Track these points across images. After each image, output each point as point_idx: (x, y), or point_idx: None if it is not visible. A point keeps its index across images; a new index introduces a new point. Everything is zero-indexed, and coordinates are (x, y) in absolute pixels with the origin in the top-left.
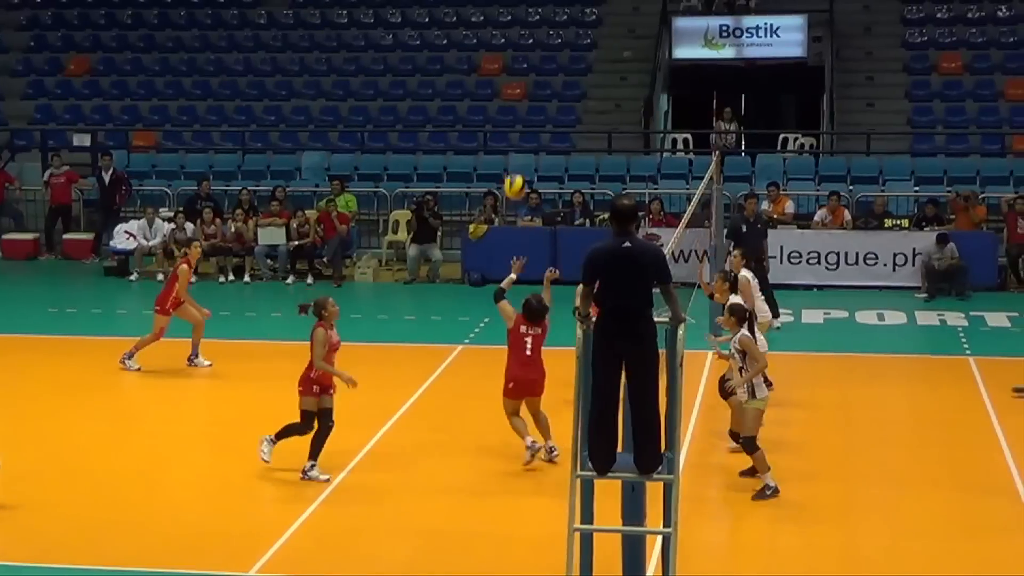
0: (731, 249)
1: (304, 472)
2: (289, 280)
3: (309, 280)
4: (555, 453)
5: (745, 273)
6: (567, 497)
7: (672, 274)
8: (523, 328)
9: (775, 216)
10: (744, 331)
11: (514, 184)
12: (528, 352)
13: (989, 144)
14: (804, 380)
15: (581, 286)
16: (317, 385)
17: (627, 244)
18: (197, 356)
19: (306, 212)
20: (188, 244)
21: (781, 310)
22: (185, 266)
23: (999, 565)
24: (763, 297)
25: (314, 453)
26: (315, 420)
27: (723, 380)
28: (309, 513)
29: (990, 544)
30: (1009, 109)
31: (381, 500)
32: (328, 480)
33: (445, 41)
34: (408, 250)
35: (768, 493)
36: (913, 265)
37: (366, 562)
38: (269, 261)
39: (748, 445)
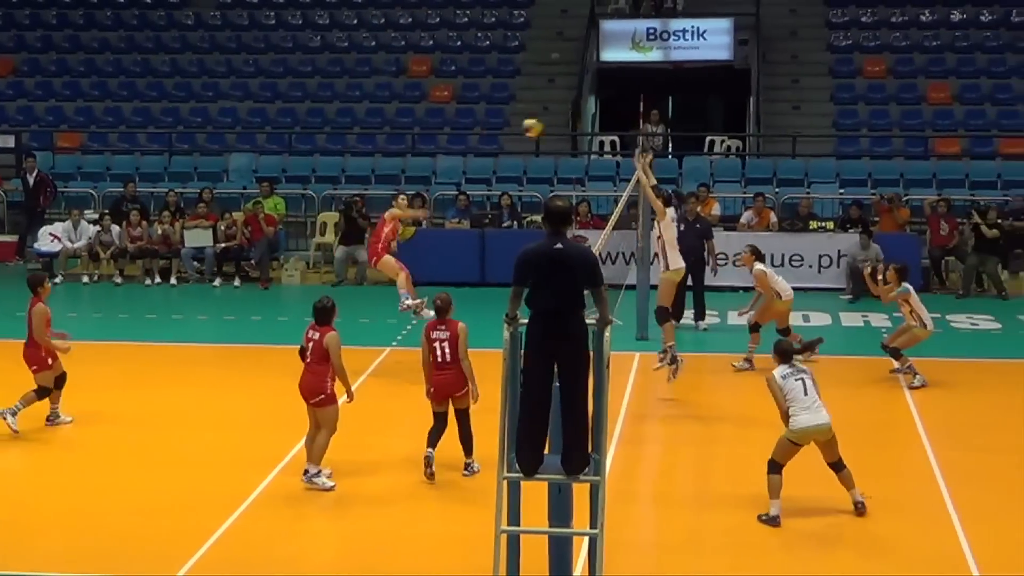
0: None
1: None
2: (216, 282)
3: (236, 282)
4: (474, 470)
5: (761, 266)
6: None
7: (602, 275)
8: (432, 333)
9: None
10: None
11: (533, 127)
12: (439, 355)
13: (912, 147)
14: (729, 383)
15: (512, 288)
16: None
17: (559, 246)
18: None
19: (233, 214)
20: (40, 283)
21: (708, 312)
22: (41, 305)
23: None
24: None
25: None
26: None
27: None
28: (235, 518)
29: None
30: (932, 112)
31: (306, 504)
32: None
33: (373, 43)
34: (335, 252)
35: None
36: (838, 267)
37: (291, 565)
38: (196, 263)
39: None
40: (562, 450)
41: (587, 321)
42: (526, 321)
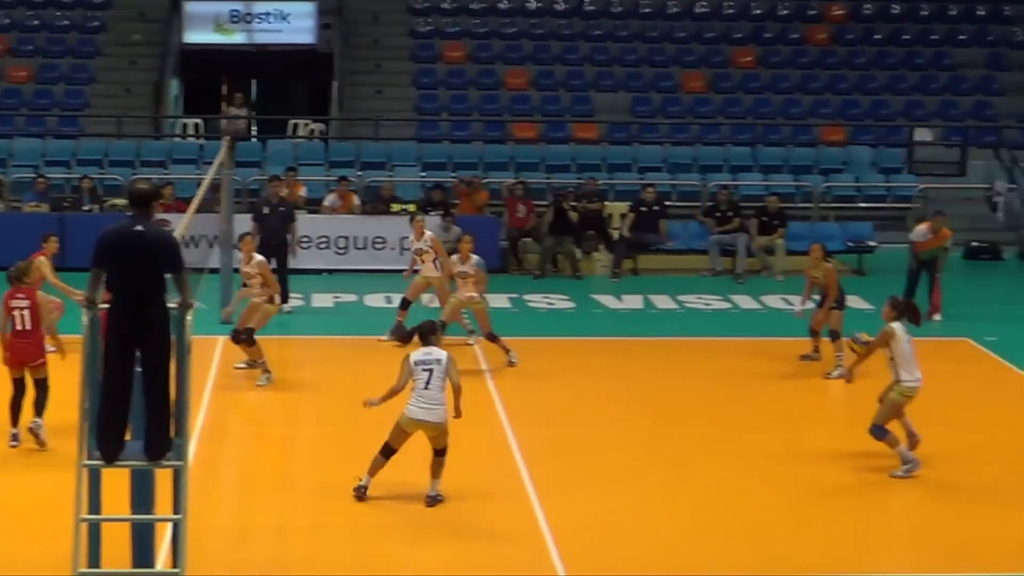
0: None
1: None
2: None
3: None
4: (40, 437)
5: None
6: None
7: (184, 260)
8: (11, 301)
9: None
10: None
11: None
12: (18, 323)
13: (491, 131)
14: (314, 362)
15: (91, 271)
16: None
17: (139, 228)
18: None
19: None
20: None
21: (292, 294)
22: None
23: None
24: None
25: None
26: None
27: None
28: None
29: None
30: (509, 97)
31: None
32: None
33: None
34: None
35: None
36: None
37: None
38: None
39: None
40: (144, 435)
41: (169, 305)
42: (107, 305)
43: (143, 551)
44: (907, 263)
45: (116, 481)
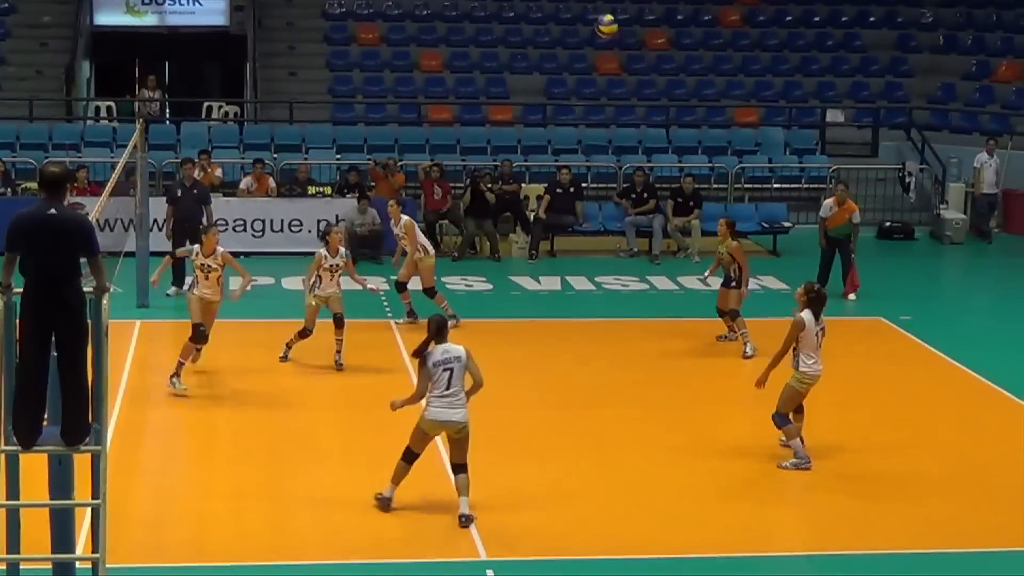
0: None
1: None
2: None
3: None
4: None
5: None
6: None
7: (99, 243)
8: None
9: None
10: None
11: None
12: None
13: (406, 113)
14: (234, 345)
15: (4, 255)
16: None
17: (53, 212)
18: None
19: None
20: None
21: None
22: None
23: None
24: None
25: None
26: None
27: None
28: None
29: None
30: (424, 80)
31: None
32: None
33: None
34: None
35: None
36: None
37: None
38: None
39: None
40: (62, 421)
41: (84, 289)
42: (20, 290)
43: (63, 537)
44: (819, 244)
45: (36, 466)
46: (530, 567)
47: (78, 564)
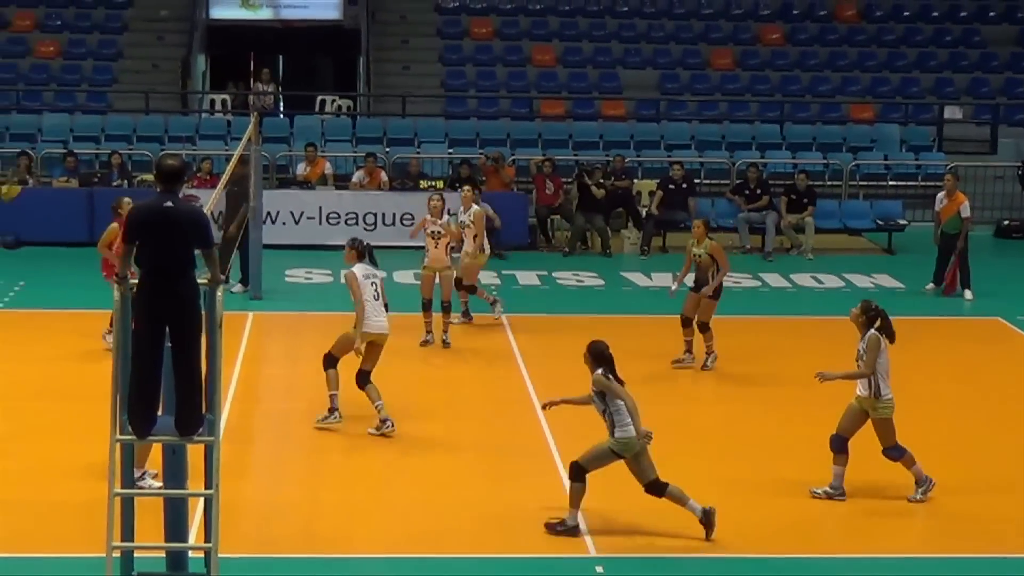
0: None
1: None
2: None
3: None
4: None
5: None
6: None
7: (213, 235)
8: None
9: (311, 180)
10: None
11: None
12: None
13: (518, 108)
14: None
15: (123, 246)
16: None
17: (168, 204)
18: None
19: None
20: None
21: (313, 271)
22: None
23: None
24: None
25: None
26: None
27: None
28: None
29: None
30: (537, 74)
31: None
32: None
33: None
34: None
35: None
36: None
37: None
38: None
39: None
40: (176, 411)
41: (199, 281)
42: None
43: (177, 526)
44: (935, 241)
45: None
46: (640, 565)
47: (191, 553)
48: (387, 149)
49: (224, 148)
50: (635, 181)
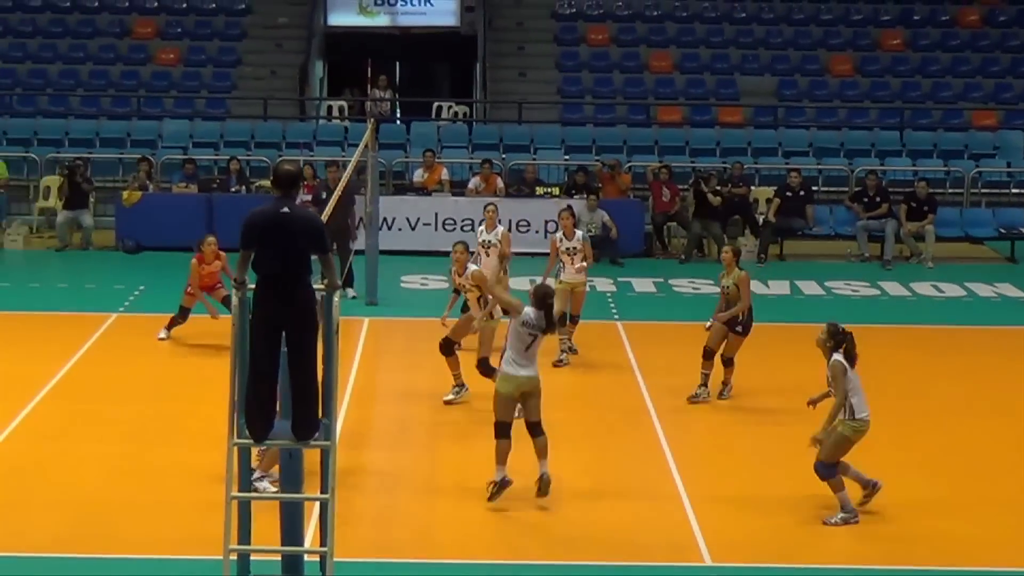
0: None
1: None
2: None
3: None
4: None
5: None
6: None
7: (330, 241)
8: None
9: (428, 186)
10: None
11: None
12: None
13: (635, 114)
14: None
15: (240, 252)
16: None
17: (285, 210)
18: None
19: None
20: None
21: (429, 277)
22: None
23: None
24: None
25: None
26: None
27: None
28: None
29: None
30: (654, 81)
31: (33, 474)
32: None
33: (96, 3)
34: (57, 216)
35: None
36: None
37: (18, 538)
38: None
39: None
40: (292, 415)
41: (315, 287)
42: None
43: (293, 530)
44: None
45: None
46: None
47: (306, 557)
48: (503, 155)
49: (341, 154)
50: (752, 188)
